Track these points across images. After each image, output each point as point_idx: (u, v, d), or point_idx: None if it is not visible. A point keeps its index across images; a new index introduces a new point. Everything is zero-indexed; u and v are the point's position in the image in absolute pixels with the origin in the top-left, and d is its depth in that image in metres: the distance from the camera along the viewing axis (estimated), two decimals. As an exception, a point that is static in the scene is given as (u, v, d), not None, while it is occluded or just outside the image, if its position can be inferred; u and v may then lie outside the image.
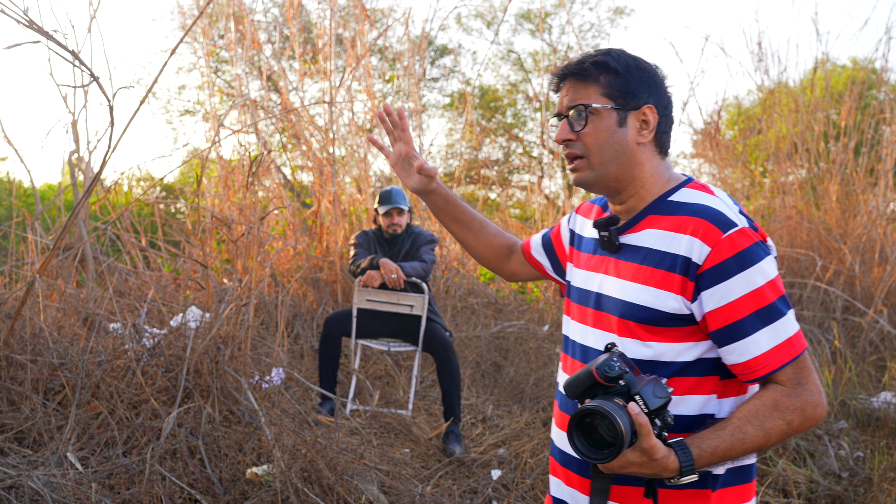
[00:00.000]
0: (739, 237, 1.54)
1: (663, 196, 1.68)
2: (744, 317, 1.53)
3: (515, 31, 17.26)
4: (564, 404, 1.76)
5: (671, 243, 1.59)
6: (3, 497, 3.10)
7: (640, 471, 1.50)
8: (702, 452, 1.50)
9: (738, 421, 1.53)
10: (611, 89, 1.65)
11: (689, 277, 1.55)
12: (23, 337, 4.24)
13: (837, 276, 7.50)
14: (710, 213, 1.57)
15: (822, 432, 4.58)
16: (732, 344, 1.54)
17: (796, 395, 1.54)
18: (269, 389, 4.40)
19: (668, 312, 1.58)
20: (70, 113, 5.54)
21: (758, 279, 1.53)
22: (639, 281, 1.62)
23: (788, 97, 9.60)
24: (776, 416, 1.52)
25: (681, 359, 1.59)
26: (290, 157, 9.93)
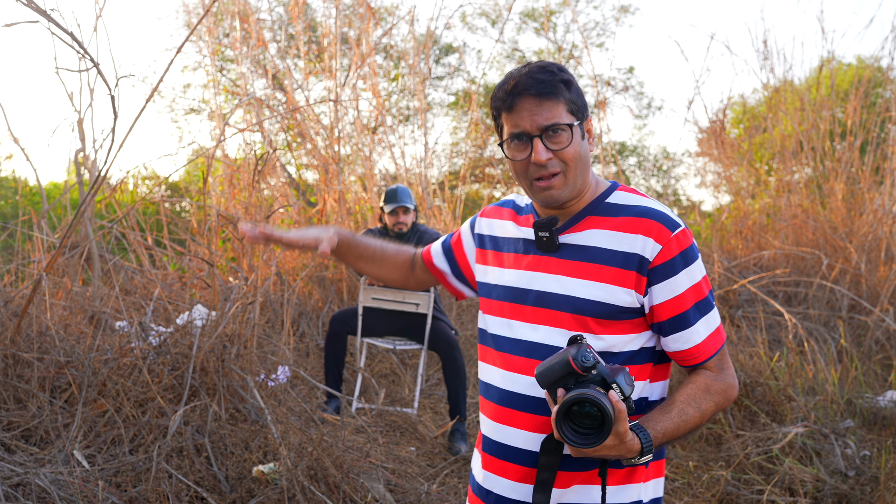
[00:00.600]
0: (683, 237, 1.69)
1: (599, 198, 1.77)
2: (687, 308, 1.69)
3: (520, 29, 17.24)
4: (503, 398, 1.77)
5: (620, 241, 1.69)
6: (11, 494, 3.11)
7: (611, 453, 1.58)
8: (657, 433, 1.62)
9: (680, 404, 1.68)
10: (572, 105, 1.72)
11: (641, 273, 1.67)
12: (29, 335, 4.25)
13: (843, 275, 7.48)
14: (658, 215, 1.69)
15: (828, 431, 4.57)
16: (677, 333, 1.70)
17: (721, 378, 1.74)
18: (275, 388, 4.41)
19: (620, 306, 1.68)
20: (76, 111, 5.54)
21: (697, 274, 1.70)
22: (591, 278, 1.70)
23: (794, 95, 9.58)
24: (708, 398, 1.70)
25: (627, 349, 1.71)
26: (296, 155, 9.94)
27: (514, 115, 1.71)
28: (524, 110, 1.70)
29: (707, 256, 8.14)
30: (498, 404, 1.79)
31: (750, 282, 7.31)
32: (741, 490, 4.21)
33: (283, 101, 10.16)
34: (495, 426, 1.79)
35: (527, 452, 1.73)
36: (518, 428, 1.74)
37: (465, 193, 10.02)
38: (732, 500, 4.19)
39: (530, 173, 1.73)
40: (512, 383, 1.76)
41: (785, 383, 5.03)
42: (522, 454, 1.74)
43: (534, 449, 1.72)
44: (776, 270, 7.57)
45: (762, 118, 10.35)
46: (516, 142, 1.73)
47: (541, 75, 1.70)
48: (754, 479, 4.29)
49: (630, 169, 18.29)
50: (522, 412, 1.73)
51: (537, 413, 1.71)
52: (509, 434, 1.76)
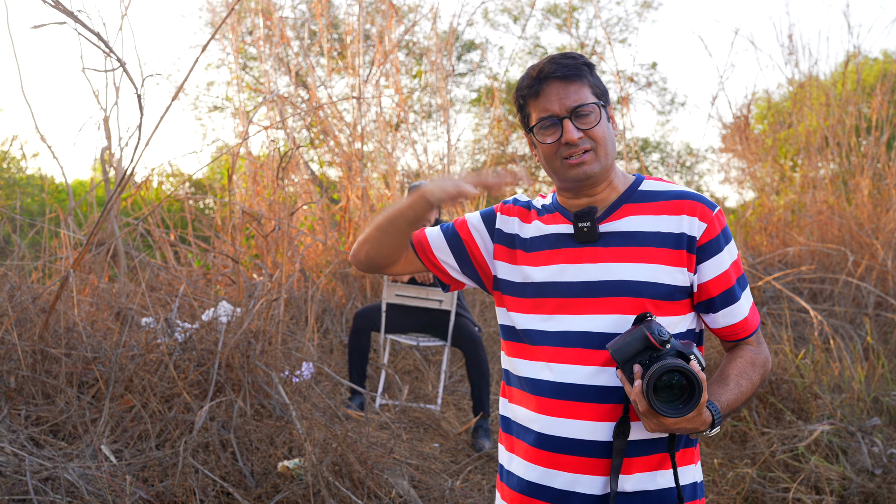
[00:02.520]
0: (721, 216, 1.78)
1: (632, 187, 1.83)
2: (733, 283, 1.77)
3: (542, 25, 17.20)
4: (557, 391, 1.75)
5: (668, 224, 1.75)
6: (40, 488, 3.14)
7: (689, 425, 1.59)
8: (722, 405, 1.65)
9: (735, 377, 1.73)
10: (596, 88, 1.79)
11: (690, 251, 1.73)
12: (57, 331, 4.29)
13: (869, 272, 7.40)
14: (697, 196, 1.77)
15: (854, 429, 4.53)
16: (727, 308, 1.77)
17: (760, 352, 1.82)
18: (300, 384, 4.43)
19: (676, 286, 1.74)
20: (102, 109, 5.59)
21: (734, 251, 1.78)
22: (644, 261, 1.73)
23: (819, 91, 9.50)
24: (755, 370, 1.77)
25: (676, 331, 1.75)
26: (319, 152, 9.97)
27: (542, 99, 1.77)
28: (551, 94, 1.76)
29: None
30: (550, 398, 1.76)
31: (775, 278, 7.26)
32: (767, 488, 4.18)
33: (306, 99, 10.19)
34: (548, 420, 1.76)
35: (589, 443, 1.72)
36: (578, 419, 1.72)
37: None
38: (758, 497, 4.17)
39: (560, 153, 1.76)
40: (564, 375, 1.74)
41: (811, 381, 4.99)
42: (583, 445, 1.72)
43: (597, 438, 1.71)
44: (801, 267, 7.51)
45: (787, 114, 10.26)
46: (546, 125, 1.76)
47: (564, 60, 1.77)
48: (780, 476, 4.26)
49: (653, 165, 18.21)
50: (583, 402, 1.72)
51: (599, 402, 1.71)
52: (567, 426, 1.74)
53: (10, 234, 6.04)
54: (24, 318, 4.35)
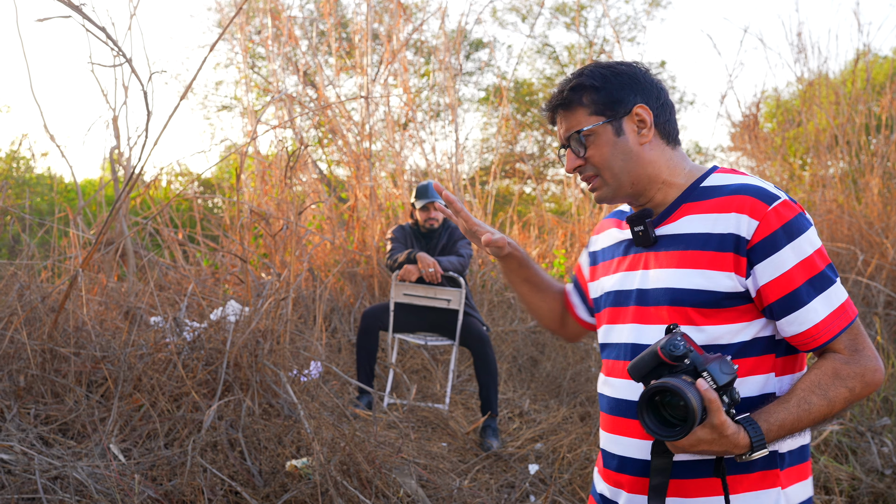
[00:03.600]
0: (784, 209, 1.56)
1: (695, 184, 1.69)
2: (799, 286, 1.55)
3: (551, 24, 17.19)
4: (612, 407, 1.73)
5: (715, 224, 1.60)
6: (49, 487, 3.15)
7: (711, 448, 1.49)
8: (770, 426, 1.51)
9: (802, 392, 1.53)
10: (596, 106, 1.70)
11: (740, 254, 1.56)
12: (66, 330, 4.30)
13: (879, 271, 7.38)
14: (752, 189, 1.59)
15: (864, 429, 4.52)
16: (791, 314, 1.55)
17: (855, 361, 1.55)
18: (308, 383, 4.43)
19: (723, 292, 1.58)
20: (111, 109, 5.61)
21: (806, 248, 1.55)
22: (687, 266, 1.62)
23: (829, 89, 9.46)
24: (838, 384, 1.53)
25: (737, 339, 1.59)
26: (327, 151, 9.98)
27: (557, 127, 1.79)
28: (557, 122, 1.77)
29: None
30: (609, 414, 1.74)
31: (784, 278, 7.22)
32: (776, 488, 4.16)
33: (314, 98, 10.20)
34: (609, 437, 1.74)
35: (641, 462, 1.66)
36: (630, 437, 1.68)
37: (495, 189, 10.01)
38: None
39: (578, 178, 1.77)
40: (618, 390, 1.71)
41: (820, 380, 4.96)
42: (636, 464, 1.67)
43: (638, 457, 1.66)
44: (811, 266, 7.47)
45: (796, 112, 10.23)
46: (562, 150, 1.78)
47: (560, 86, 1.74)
48: (789, 476, 4.24)
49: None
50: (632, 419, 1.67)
51: None
52: (623, 444, 1.70)
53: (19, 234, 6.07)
54: (33, 317, 4.37)
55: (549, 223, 9.46)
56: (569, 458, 4.48)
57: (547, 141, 17.41)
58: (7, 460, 3.29)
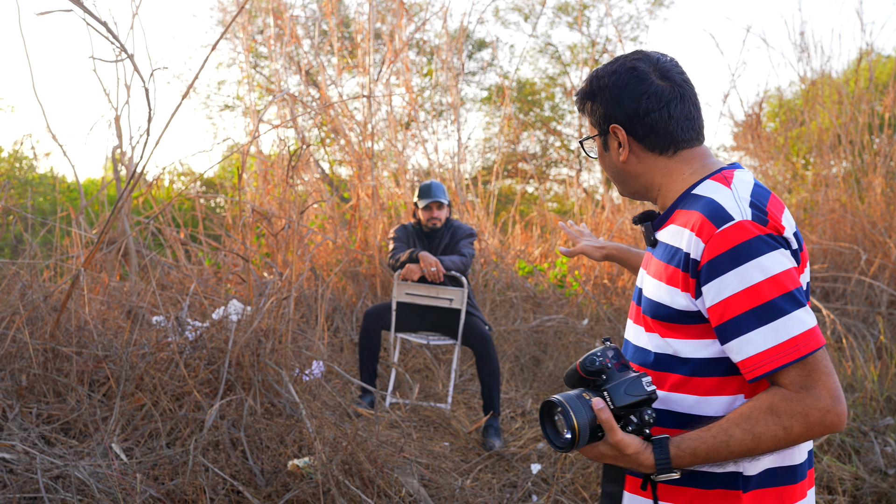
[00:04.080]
0: (734, 231, 1.48)
1: (688, 189, 1.65)
2: (737, 314, 1.47)
3: (553, 23, 17.18)
4: None
5: (679, 238, 1.58)
6: (51, 486, 3.15)
7: (617, 463, 1.54)
8: (680, 452, 1.49)
9: (726, 423, 1.48)
10: (593, 117, 1.72)
11: (690, 274, 1.53)
12: (68, 329, 4.30)
13: (882, 270, 7.37)
14: (709, 207, 1.53)
15: (867, 429, 4.51)
16: (728, 343, 1.49)
17: (798, 399, 1.44)
18: (310, 382, 4.43)
19: (678, 309, 1.56)
20: (113, 108, 5.61)
21: (754, 275, 1.46)
22: (658, 277, 1.62)
23: (832, 88, 9.46)
24: (770, 420, 1.45)
25: (698, 356, 1.56)
26: (329, 151, 9.98)
27: None
28: None
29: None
30: None
31: (787, 277, 7.21)
32: (779, 488, 4.16)
33: (316, 98, 10.20)
34: None
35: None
36: None
37: (498, 188, 10.01)
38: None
39: None
40: None
41: (823, 380, 4.95)
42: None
43: None
44: (814, 266, 7.48)
45: (799, 111, 10.22)
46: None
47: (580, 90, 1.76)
48: (792, 476, 4.24)
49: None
50: None
51: None
52: None
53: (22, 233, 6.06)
54: (35, 316, 4.37)
55: (551, 223, 9.45)
56: (571, 457, 4.48)
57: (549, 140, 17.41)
58: (9, 459, 3.29)
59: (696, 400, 1.57)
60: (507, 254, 8.43)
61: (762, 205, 1.53)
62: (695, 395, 1.57)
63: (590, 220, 8.82)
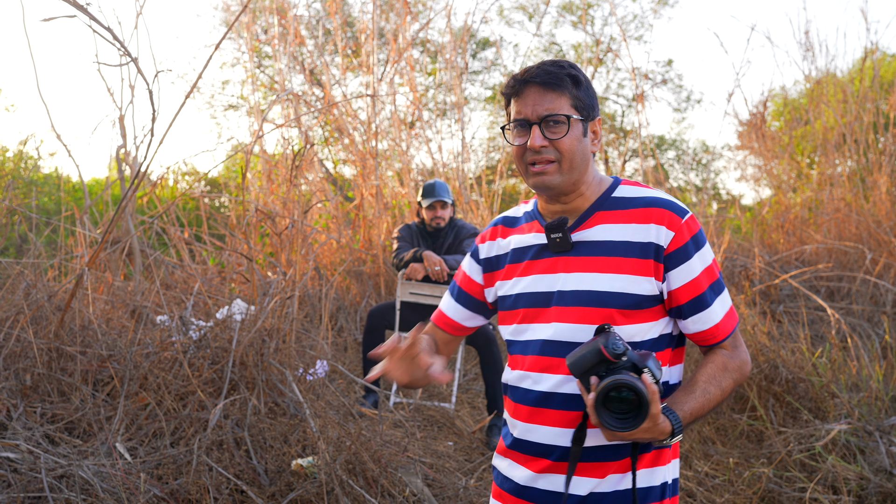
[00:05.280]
0: (693, 222, 1.77)
1: (605, 194, 1.85)
2: (704, 290, 1.76)
3: (557, 22, 17.17)
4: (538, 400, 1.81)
5: (636, 233, 1.76)
6: (55, 486, 3.15)
7: (644, 436, 1.64)
8: (685, 414, 1.69)
9: (703, 384, 1.75)
10: (578, 101, 1.79)
11: (658, 260, 1.75)
12: (72, 329, 4.31)
13: (888, 270, 7.35)
14: (666, 203, 1.78)
15: (872, 428, 4.49)
16: (696, 314, 1.77)
17: (736, 356, 1.82)
18: (314, 382, 4.43)
19: (643, 295, 1.75)
20: (117, 108, 5.62)
21: (707, 257, 1.78)
22: (612, 271, 1.76)
23: (836, 87, 9.44)
24: (727, 375, 1.78)
25: (648, 337, 1.77)
26: (333, 150, 9.98)
27: (520, 101, 1.80)
28: (528, 98, 1.79)
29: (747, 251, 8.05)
30: (530, 406, 1.83)
31: (792, 276, 7.21)
32: (783, 488, 4.15)
33: (320, 97, 10.21)
34: (527, 427, 1.84)
35: (551, 447, 1.80)
36: (546, 425, 1.80)
37: (502, 188, 10.00)
38: (774, 497, 4.14)
39: (525, 158, 1.80)
40: (538, 383, 1.81)
41: (828, 379, 4.95)
42: (546, 449, 1.80)
43: (559, 444, 1.78)
44: (818, 265, 7.46)
45: (804, 110, 10.20)
46: (517, 127, 1.82)
47: (550, 67, 1.79)
48: (796, 476, 4.23)
49: (669, 163, 18.15)
50: (550, 409, 1.79)
51: (566, 409, 1.77)
52: (543, 433, 1.81)
53: (26, 233, 6.08)
54: (39, 315, 4.37)
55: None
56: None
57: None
58: (13, 459, 3.30)
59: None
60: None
61: None
62: None
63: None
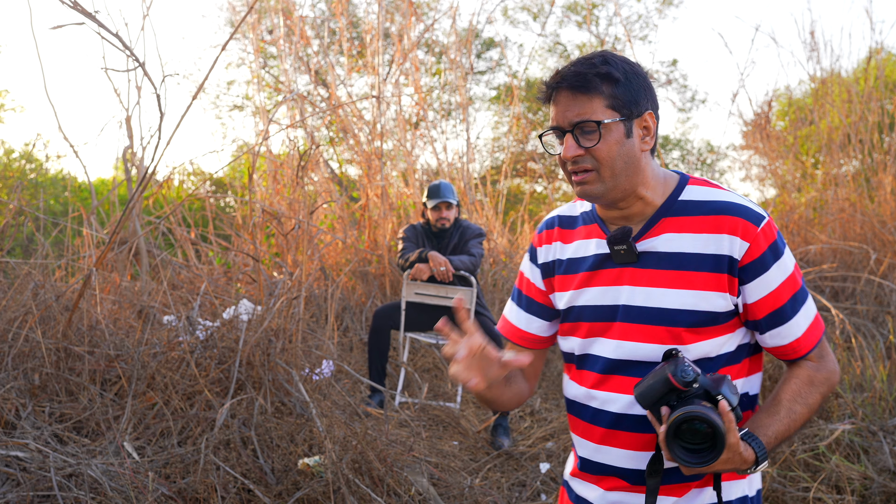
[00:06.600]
0: (769, 229, 1.62)
1: (672, 197, 1.68)
2: (784, 303, 1.62)
3: (562, 22, 17.16)
4: (609, 421, 1.71)
5: (707, 244, 1.62)
6: (64, 485, 3.17)
7: (725, 467, 1.53)
8: (769, 439, 1.57)
9: (787, 402, 1.63)
10: (615, 100, 1.61)
11: (732, 274, 1.61)
12: (80, 329, 4.33)
13: (892, 270, 7.34)
14: (740, 210, 1.62)
15: (876, 428, 4.50)
16: (776, 329, 1.64)
17: (822, 367, 1.68)
18: (320, 381, 4.45)
19: (716, 312, 1.62)
20: (124, 109, 5.64)
21: (789, 265, 1.63)
22: (681, 286, 1.63)
23: (841, 87, 9.42)
24: (814, 391, 1.64)
25: (724, 350, 1.65)
26: (338, 151, 10.00)
27: (553, 107, 1.67)
28: (560, 103, 1.65)
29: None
30: (600, 427, 1.73)
31: (796, 276, 7.19)
32: (787, 487, 4.16)
33: (325, 98, 10.23)
34: (597, 448, 1.74)
35: (627, 470, 1.70)
36: (618, 447, 1.70)
37: (506, 188, 10.01)
38: (778, 497, 4.15)
39: (567, 167, 1.66)
40: (607, 403, 1.70)
41: (832, 379, 4.95)
42: (619, 471, 1.71)
43: (634, 467, 1.68)
44: (823, 265, 7.46)
45: (808, 110, 10.18)
46: (552, 135, 1.70)
47: (578, 67, 1.62)
48: (800, 476, 4.24)
49: (673, 162, 18.14)
50: (621, 431, 1.68)
51: (638, 431, 1.67)
52: (615, 455, 1.71)
53: (34, 234, 6.10)
54: (47, 316, 4.40)
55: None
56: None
57: (558, 140, 17.35)
58: (22, 458, 3.32)
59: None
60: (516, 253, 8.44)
61: None
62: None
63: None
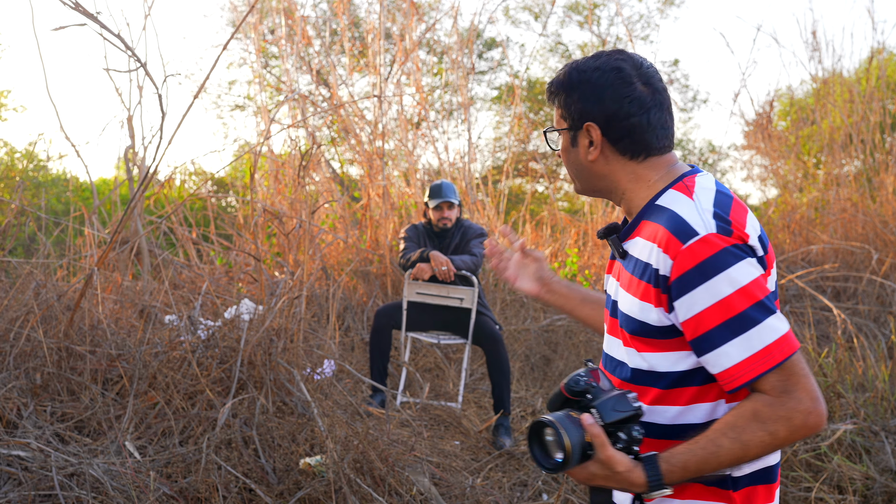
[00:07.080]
0: (700, 246, 1.46)
1: (653, 199, 1.62)
2: (710, 329, 1.47)
3: (563, 22, 17.15)
4: None
5: (648, 252, 1.55)
6: (65, 484, 3.18)
7: (608, 483, 1.49)
8: (671, 467, 1.48)
9: (712, 434, 1.47)
10: (564, 110, 1.67)
11: (661, 289, 1.52)
12: (82, 328, 4.33)
13: (894, 270, 7.34)
14: (673, 222, 1.51)
15: (878, 428, 4.50)
16: (705, 355, 1.49)
17: (780, 403, 1.45)
18: (321, 381, 4.45)
19: (651, 325, 1.55)
20: (125, 109, 5.65)
21: (724, 289, 1.45)
22: (630, 291, 1.60)
23: (843, 87, 9.43)
24: (755, 427, 1.45)
25: (676, 369, 1.55)
26: (340, 150, 10.01)
27: None
28: None
29: (754, 251, 8.04)
30: None
31: (798, 277, 7.21)
32: (789, 487, 4.16)
33: (327, 97, 10.23)
34: None
35: None
36: None
37: (508, 188, 10.01)
38: (780, 496, 4.14)
39: None
40: None
41: (834, 380, 4.95)
42: None
43: None
44: (825, 265, 7.46)
45: (810, 110, 10.19)
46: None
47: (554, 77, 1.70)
48: (802, 476, 4.24)
49: (675, 163, 18.13)
50: None
51: None
52: None
53: (35, 233, 6.11)
54: (49, 315, 4.40)
55: (561, 222, 9.46)
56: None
57: (559, 140, 17.34)
58: (24, 457, 3.33)
59: (679, 410, 1.56)
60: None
61: (725, 213, 1.52)
62: (677, 406, 1.57)
63: (600, 219, 8.82)
